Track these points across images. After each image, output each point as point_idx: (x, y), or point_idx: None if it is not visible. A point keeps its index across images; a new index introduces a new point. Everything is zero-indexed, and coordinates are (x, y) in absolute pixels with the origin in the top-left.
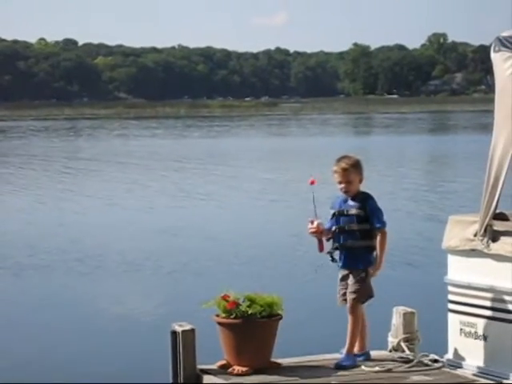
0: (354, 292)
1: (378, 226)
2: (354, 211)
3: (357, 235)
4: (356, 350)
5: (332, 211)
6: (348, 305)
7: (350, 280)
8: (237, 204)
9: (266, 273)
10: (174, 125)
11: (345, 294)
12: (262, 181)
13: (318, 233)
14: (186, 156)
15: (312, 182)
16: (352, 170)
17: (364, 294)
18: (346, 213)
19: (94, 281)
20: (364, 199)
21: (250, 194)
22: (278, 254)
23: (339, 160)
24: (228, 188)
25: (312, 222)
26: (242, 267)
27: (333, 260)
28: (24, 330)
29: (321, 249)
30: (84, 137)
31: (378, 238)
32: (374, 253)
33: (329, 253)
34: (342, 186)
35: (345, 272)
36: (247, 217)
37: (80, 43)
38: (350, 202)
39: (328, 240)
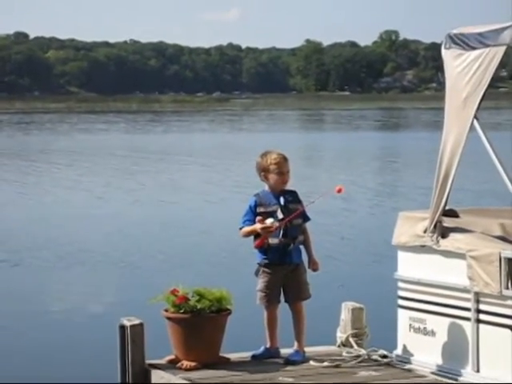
0: (307, 285)
1: (308, 220)
2: (296, 206)
3: (300, 230)
4: (274, 345)
5: (271, 208)
6: (299, 300)
7: (299, 275)
8: (220, 198)
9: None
10: (133, 119)
11: (284, 290)
12: (234, 175)
13: (273, 231)
14: (153, 151)
15: (339, 190)
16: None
17: (309, 287)
18: (292, 208)
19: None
20: (295, 194)
21: (229, 188)
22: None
23: (268, 153)
24: (205, 183)
25: (262, 221)
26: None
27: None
28: None
29: (260, 245)
30: (47, 131)
31: (306, 232)
32: None
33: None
34: (283, 177)
35: (290, 267)
36: (229, 211)
37: (31, 36)
38: (287, 197)
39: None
